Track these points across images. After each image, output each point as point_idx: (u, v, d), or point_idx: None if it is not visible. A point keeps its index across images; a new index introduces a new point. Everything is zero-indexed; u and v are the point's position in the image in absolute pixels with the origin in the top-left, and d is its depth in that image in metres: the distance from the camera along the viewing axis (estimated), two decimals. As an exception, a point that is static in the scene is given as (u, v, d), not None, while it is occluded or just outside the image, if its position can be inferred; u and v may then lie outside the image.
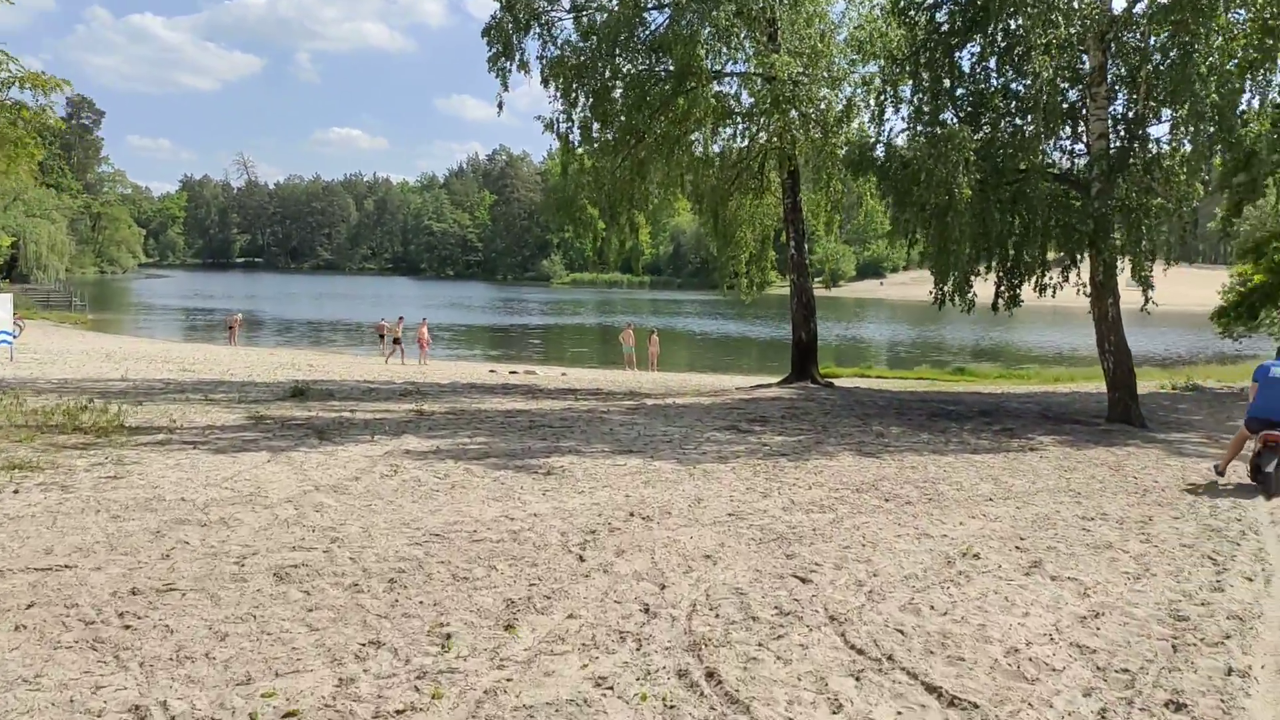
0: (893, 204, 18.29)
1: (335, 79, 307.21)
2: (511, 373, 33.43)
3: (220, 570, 6.60)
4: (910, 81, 19.06)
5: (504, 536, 7.87)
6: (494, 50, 23.64)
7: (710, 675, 5.13)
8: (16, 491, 8.65)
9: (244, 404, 16.90)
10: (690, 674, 5.14)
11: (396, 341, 37.25)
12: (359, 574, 6.67)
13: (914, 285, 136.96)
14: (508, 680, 4.95)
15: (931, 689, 5.08)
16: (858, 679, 5.18)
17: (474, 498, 9.31)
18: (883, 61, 19.97)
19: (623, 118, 22.39)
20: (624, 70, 22.95)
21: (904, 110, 19.81)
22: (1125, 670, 5.48)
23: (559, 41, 23.60)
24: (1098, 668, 5.52)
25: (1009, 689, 5.14)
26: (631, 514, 8.93)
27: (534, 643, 5.52)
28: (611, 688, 4.92)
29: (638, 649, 5.49)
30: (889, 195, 18.43)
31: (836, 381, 26.64)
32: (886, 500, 10.15)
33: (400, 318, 39.25)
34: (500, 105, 23.72)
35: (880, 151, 18.46)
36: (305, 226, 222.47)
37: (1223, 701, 5.10)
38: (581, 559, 7.32)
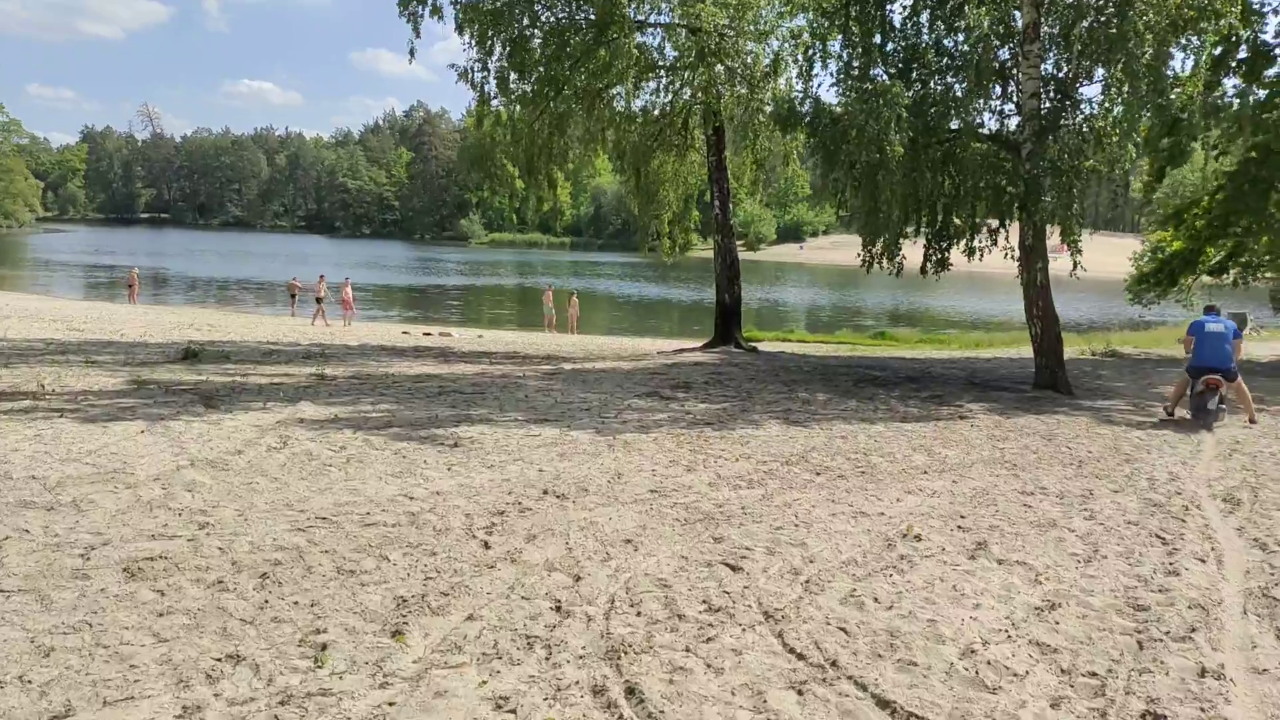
0: (821, 162, 17.65)
1: (246, 29, 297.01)
2: (425, 334, 32.29)
3: (59, 565, 5.65)
4: (840, 36, 18.39)
5: (400, 519, 7.04)
6: (405, -8, 22.32)
7: (631, 692, 4.40)
8: None
9: (129, 367, 15.64)
10: (608, 690, 4.40)
11: (319, 301, 35.75)
12: (226, 568, 5.78)
13: (834, 250, 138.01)
14: (389, 704, 4.15)
15: (884, 703, 4.43)
16: (800, 692, 4.50)
17: (370, 474, 8.43)
18: (811, 15, 19.25)
19: (541, 69, 21.34)
20: (543, 19, 21.89)
21: (832, 66, 19.16)
22: (1093, 674, 4.91)
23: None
24: (1062, 670, 4.94)
25: (970, 701, 4.51)
26: (545, 491, 8.17)
27: (425, 653, 4.72)
28: (514, 711, 4.16)
29: (547, 658, 4.73)
30: (817, 153, 17.78)
31: (760, 346, 26.10)
32: (818, 474, 9.55)
33: (321, 276, 37.68)
34: (412, 52, 22.41)
35: (809, 108, 17.75)
36: (214, 181, 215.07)
37: (1203, 711, 4.55)
38: (487, 546, 6.53)
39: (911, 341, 36.15)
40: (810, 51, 18.83)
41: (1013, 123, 17.86)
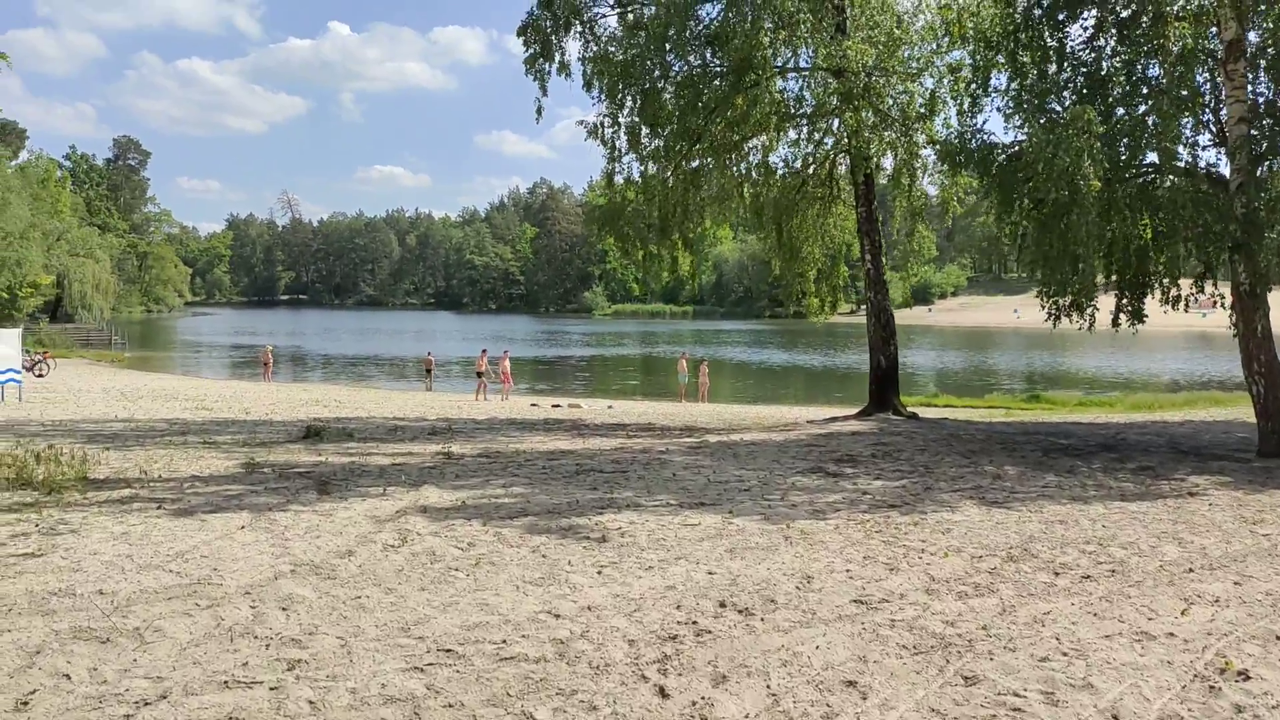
0: (996, 204, 15.67)
1: (377, 118, 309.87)
2: (555, 406, 31.13)
3: (97, 731, 4.19)
4: (1007, 67, 16.55)
5: (545, 650, 5.40)
6: (531, 51, 21.45)
7: None
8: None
9: (246, 448, 14.63)
10: None
11: (480, 375, 34.94)
12: (316, 735, 4.22)
13: (962, 311, 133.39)
14: None
15: None
16: None
17: (505, 580, 6.85)
18: (972, 46, 17.47)
19: (674, 122, 20.04)
20: (675, 69, 20.64)
21: (997, 101, 17.31)
22: None
23: (602, 39, 21.38)
24: None
25: None
26: (722, 604, 6.43)
27: None
28: None
29: None
30: (990, 195, 15.82)
31: (916, 411, 23.87)
32: (1056, 575, 7.55)
33: (483, 351, 36.96)
34: (539, 111, 21.52)
35: (978, 143, 15.87)
36: (348, 263, 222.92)
37: None
38: (663, 693, 4.82)
39: (1071, 404, 33.14)
40: (973, 86, 17.04)
41: (1208, 154, 15.61)
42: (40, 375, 40.16)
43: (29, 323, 70.58)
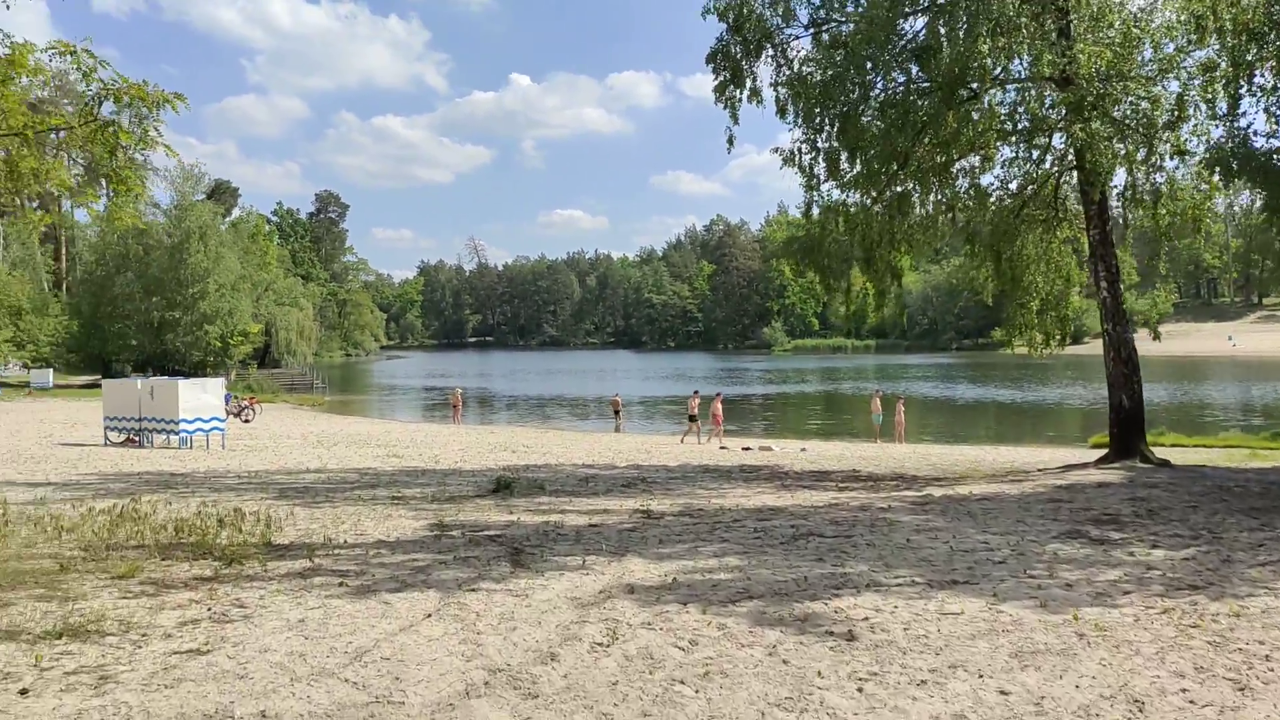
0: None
1: (557, 163, 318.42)
2: (745, 449, 29.72)
3: None
4: (1275, 62, 14.26)
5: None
6: (720, 78, 20.34)
7: None
8: (25, 691, 5.55)
9: (436, 504, 13.86)
10: None
11: (693, 419, 33.65)
12: None
13: (1171, 339, 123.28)
14: None
15: None
16: None
17: (745, 700, 5.48)
18: (1230, 40, 15.21)
19: (878, 144, 18.44)
20: (877, 88, 19.08)
21: (1263, 100, 14.98)
22: None
23: (794, 62, 20.05)
24: None
25: None
26: (1037, 747, 4.86)
27: None
28: None
29: None
30: (1272, 204, 13.51)
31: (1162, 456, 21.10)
32: None
33: (695, 393, 35.54)
34: (730, 141, 20.35)
35: (1263, 145, 13.63)
36: (532, 305, 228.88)
37: None
38: None
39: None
40: (1233, 85, 14.78)
41: None
42: (247, 420, 41.74)
43: (239, 369, 74.83)
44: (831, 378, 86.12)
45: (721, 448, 30.63)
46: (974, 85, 17.54)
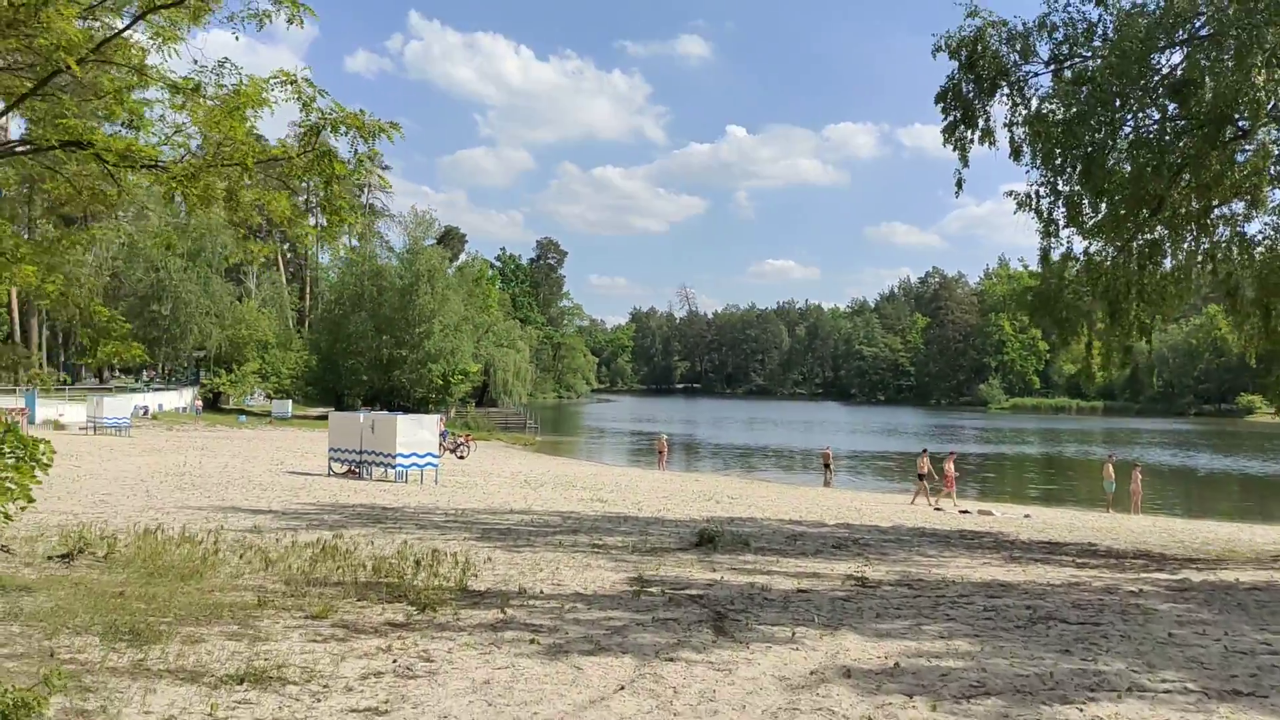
0: None
1: (769, 214, 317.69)
2: (963, 512, 27.92)
3: None
4: None
5: None
6: (950, 118, 19.22)
7: None
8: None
9: (637, 554, 13.38)
10: None
11: (922, 478, 31.40)
12: None
13: None
14: None
15: None
16: None
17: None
18: None
19: (1127, 188, 16.85)
20: (1127, 127, 17.49)
21: None
22: None
23: (1031, 100, 18.70)
24: None
25: None
26: None
27: None
28: None
29: None
30: None
31: None
32: None
33: (924, 450, 33.55)
34: (959, 184, 19.16)
35: None
36: (740, 353, 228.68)
37: None
38: None
39: None
40: None
41: None
42: (462, 457, 43.04)
43: (459, 407, 77.89)
44: (1054, 439, 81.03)
45: (936, 509, 28.90)
46: (1242, 123, 15.75)
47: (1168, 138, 16.54)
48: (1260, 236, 17.87)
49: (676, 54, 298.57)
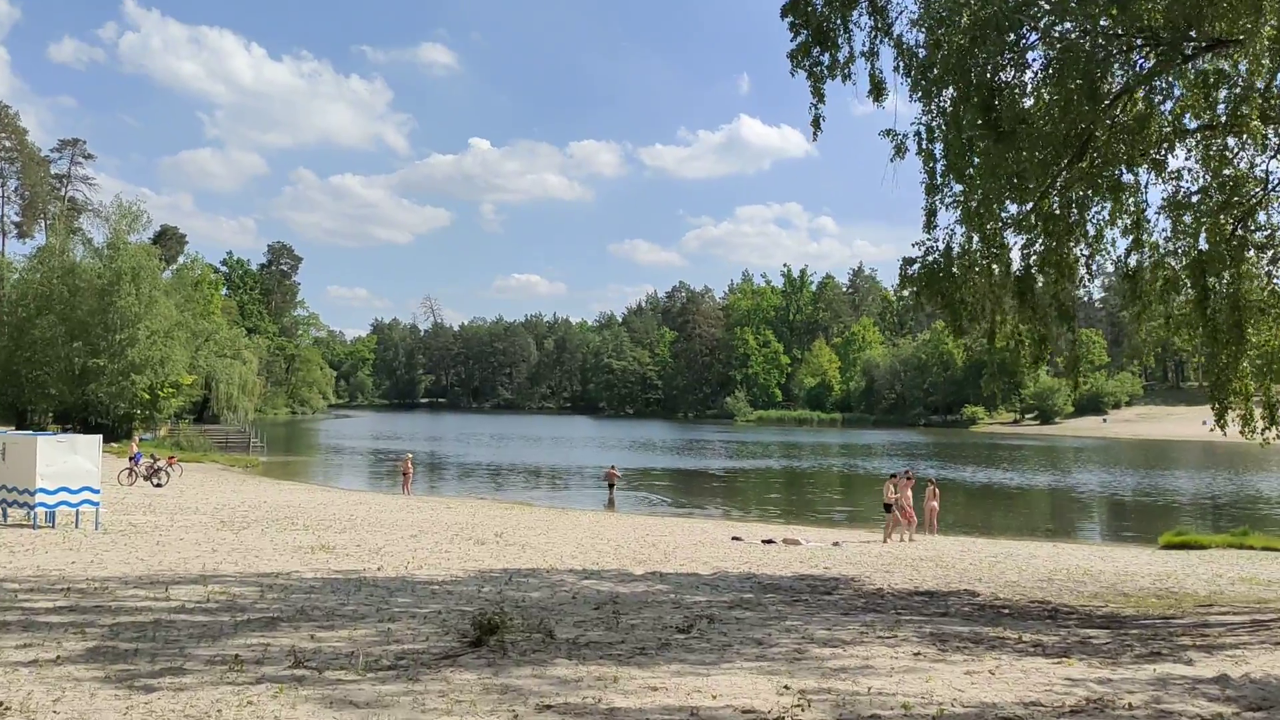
0: None
1: (516, 228, 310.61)
2: (766, 541, 23.66)
3: None
4: None
5: None
6: (801, 38, 14.60)
7: None
8: None
9: (372, 675, 7.50)
10: None
11: (889, 509, 24.86)
12: None
13: (1140, 423, 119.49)
14: None
15: None
16: None
17: None
18: None
19: (1039, 126, 12.75)
20: (1035, 52, 13.46)
21: None
22: None
23: (900, 21, 14.42)
24: None
25: None
26: None
27: None
28: None
29: None
30: None
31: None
32: None
33: (893, 475, 26.94)
34: (815, 122, 14.56)
35: None
36: (487, 367, 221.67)
37: None
38: None
39: None
40: None
41: None
42: (158, 485, 34.70)
43: (172, 424, 67.39)
44: (791, 454, 79.57)
45: (734, 538, 24.48)
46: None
47: (1101, 58, 12.48)
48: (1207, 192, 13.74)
49: (420, 62, 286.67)
